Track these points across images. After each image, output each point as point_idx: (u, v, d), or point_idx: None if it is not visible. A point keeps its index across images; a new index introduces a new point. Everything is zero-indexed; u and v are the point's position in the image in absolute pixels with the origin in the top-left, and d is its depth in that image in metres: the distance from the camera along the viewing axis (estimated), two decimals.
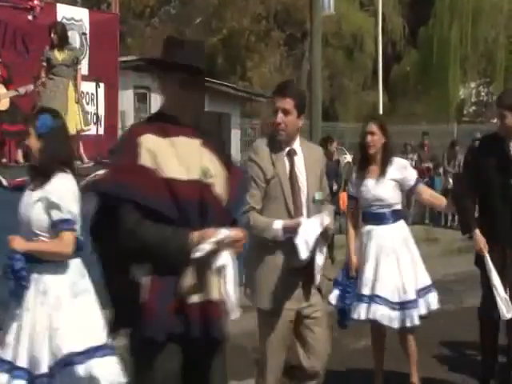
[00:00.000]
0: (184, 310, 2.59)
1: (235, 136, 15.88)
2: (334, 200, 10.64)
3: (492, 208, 4.50)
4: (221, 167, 2.72)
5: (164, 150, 2.57)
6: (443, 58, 23.88)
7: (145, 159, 2.53)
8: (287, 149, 3.60)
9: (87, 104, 9.68)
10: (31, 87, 8.59)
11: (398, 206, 4.93)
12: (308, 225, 3.39)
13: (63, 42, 8.68)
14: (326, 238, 3.57)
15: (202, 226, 2.52)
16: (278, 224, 3.48)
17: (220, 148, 2.87)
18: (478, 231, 4.47)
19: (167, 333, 2.57)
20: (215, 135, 3.29)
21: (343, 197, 12.08)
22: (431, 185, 14.83)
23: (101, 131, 9.97)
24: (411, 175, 4.82)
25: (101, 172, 4.57)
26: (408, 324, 4.62)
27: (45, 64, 8.58)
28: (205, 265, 2.56)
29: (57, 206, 3.58)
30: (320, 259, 3.53)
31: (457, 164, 14.99)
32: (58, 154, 3.66)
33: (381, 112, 9.80)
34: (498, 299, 4.44)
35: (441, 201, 5.35)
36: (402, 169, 4.75)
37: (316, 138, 11.95)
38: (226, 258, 2.55)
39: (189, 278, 2.59)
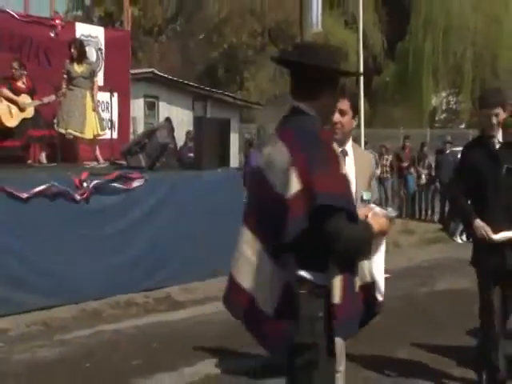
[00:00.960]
0: (357, 298, 2.45)
1: (234, 139, 15.85)
2: None
3: (485, 204, 4.17)
4: None
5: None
6: (418, 69, 24.01)
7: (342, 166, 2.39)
8: (340, 149, 3.23)
9: (102, 111, 9.60)
10: (53, 97, 8.50)
11: None
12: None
13: (81, 57, 8.63)
14: None
15: None
16: None
17: None
18: (478, 219, 4.06)
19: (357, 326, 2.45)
20: None
21: None
22: (406, 182, 15.11)
23: (114, 135, 9.89)
24: None
25: None
26: None
27: (65, 76, 8.52)
28: None
29: None
30: None
31: (426, 164, 14.85)
32: None
33: (362, 118, 9.68)
34: None
35: None
36: None
37: None
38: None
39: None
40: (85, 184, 7.03)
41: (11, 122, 8.23)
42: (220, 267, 7.99)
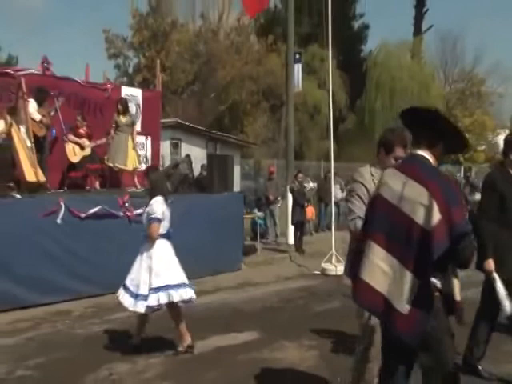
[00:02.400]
0: None
1: (237, 170, 15.88)
2: (302, 211, 10.85)
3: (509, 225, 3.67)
4: None
5: None
6: (371, 120, 24.01)
7: None
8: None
9: (140, 150, 9.51)
10: (104, 140, 8.52)
11: None
12: None
13: (125, 111, 8.65)
14: None
15: None
16: None
17: None
18: (491, 260, 3.58)
19: None
20: None
21: (309, 209, 12.13)
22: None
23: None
24: None
25: None
26: None
27: (113, 125, 8.50)
28: None
29: None
30: None
31: None
32: None
33: (332, 155, 9.73)
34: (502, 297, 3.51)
35: None
36: None
37: (290, 170, 11.92)
38: None
39: None
40: (126, 203, 7.10)
41: (74, 159, 8.24)
42: (223, 266, 8.10)
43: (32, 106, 7.52)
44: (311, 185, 14.12)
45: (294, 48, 12.56)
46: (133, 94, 10.00)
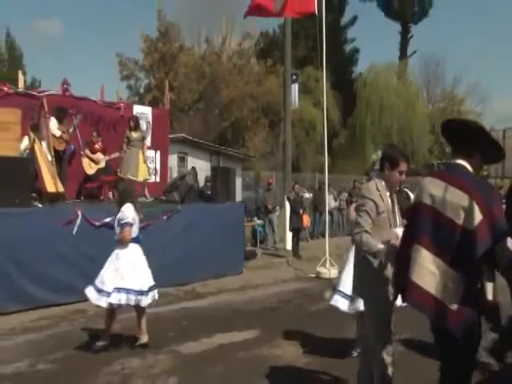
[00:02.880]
0: None
1: (238, 181, 15.89)
2: (299, 219, 10.86)
3: None
4: None
5: None
6: (362, 135, 24.09)
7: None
8: (388, 193, 3.03)
9: (150, 163, 9.46)
10: (117, 154, 8.53)
11: None
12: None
13: (137, 127, 8.64)
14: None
15: None
16: (381, 245, 2.85)
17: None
18: None
19: None
20: None
21: (305, 217, 12.11)
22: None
23: (157, 179, 9.83)
24: None
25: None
26: None
27: (125, 140, 8.48)
28: None
29: None
30: None
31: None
32: None
33: (326, 167, 9.69)
34: None
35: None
36: None
37: (288, 182, 11.91)
38: None
39: None
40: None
41: (90, 171, 8.28)
42: (226, 270, 8.05)
43: (53, 123, 7.59)
44: (307, 195, 14.13)
45: (291, 69, 12.49)
46: (143, 111, 10.04)
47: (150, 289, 4.47)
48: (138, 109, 10.10)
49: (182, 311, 6.15)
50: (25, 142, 6.99)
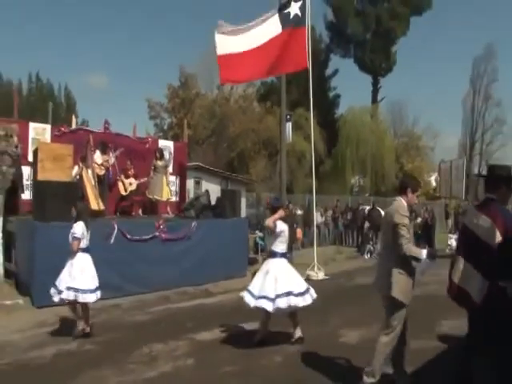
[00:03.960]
0: None
1: (243, 201, 15.77)
2: (293, 231, 10.77)
3: None
4: None
5: None
6: (343, 163, 24.19)
7: None
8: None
9: (171, 186, 9.50)
10: (146, 179, 8.63)
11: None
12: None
13: (161, 157, 8.72)
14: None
15: None
16: (424, 252, 2.97)
17: None
18: None
19: None
20: None
21: (298, 230, 12.14)
22: (337, 225, 14.78)
23: (177, 199, 9.81)
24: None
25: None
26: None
27: (152, 167, 8.56)
28: None
29: None
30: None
31: (348, 216, 14.53)
32: None
33: (314, 189, 9.74)
34: None
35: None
36: None
37: (283, 202, 11.63)
38: None
39: None
40: (161, 226, 7.11)
41: (124, 193, 8.40)
42: (232, 273, 7.96)
43: (97, 154, 7.85)
44: (299, 212, 14.25)
45: (285, 111, 12.53)
46: (167, 144, 10.14)
47: (96, 289, 4.51)
48: (162, 142, 10.18)
49: (198, 306, 6.15)
50: (75, 170, 7.19)
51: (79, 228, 4.47)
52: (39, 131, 7.83)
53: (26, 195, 7.46)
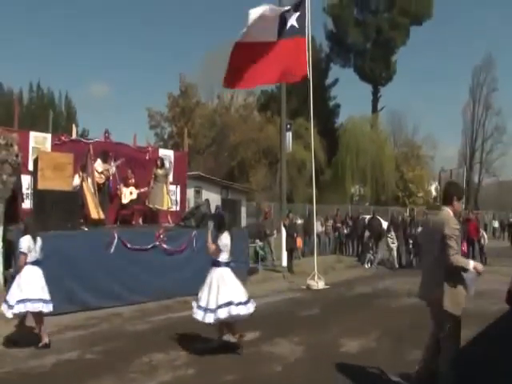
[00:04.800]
0: None
1: (243, 210, 15.82)
2: (293, 241, 10.54)
3: None
4: None
5: None
6: (343, 173, 24.35)
7: None
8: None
9: (172, 195, 9.44)
10: (146, 188, 8.62)
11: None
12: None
13: (162, 166, 8.71)
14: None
15: None
16: (472, 263, 3.06)
17: None
18: None
19: None
20: None
21: (298, 239, 12.12)
22: (339, 234, 14.52)
23: (178, 208, 9.75)
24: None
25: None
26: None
27: (153, 176, 8.57)
28: None
29: None
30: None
31: (349, 224, 14.43)
32: None
33: (314, 199, 9.75)
34: None
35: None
36: None
37: (283, 211, 11.82)
38: None
39: None
40: (161, 235, 7.11)
41: (125, 201, 8.39)
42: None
43: (97, 163, 7.90)
44: (299, 221, 14.23)
45: (286, 120, 12.64)
46: (167, 154, 10.11)
47: (48, 301, 4.47)
48: (162, 152, 10.02)
49: None
50: (76, 179, 7.23)
51: (25, 242, 4.44)
52: (39, 140, 7.88)
53: (26, 204, 7.50)
